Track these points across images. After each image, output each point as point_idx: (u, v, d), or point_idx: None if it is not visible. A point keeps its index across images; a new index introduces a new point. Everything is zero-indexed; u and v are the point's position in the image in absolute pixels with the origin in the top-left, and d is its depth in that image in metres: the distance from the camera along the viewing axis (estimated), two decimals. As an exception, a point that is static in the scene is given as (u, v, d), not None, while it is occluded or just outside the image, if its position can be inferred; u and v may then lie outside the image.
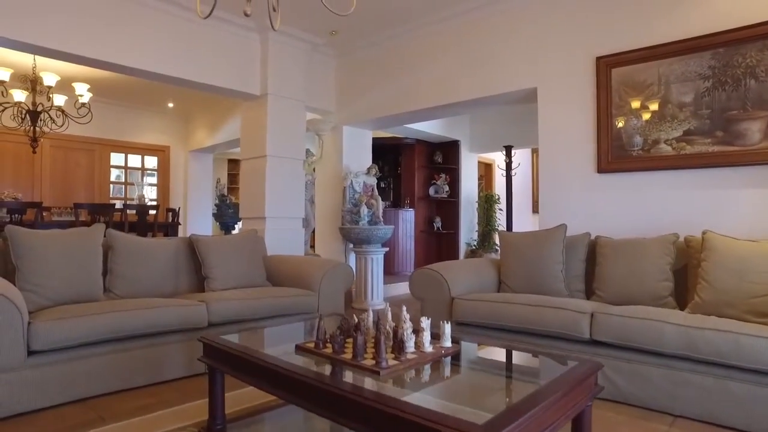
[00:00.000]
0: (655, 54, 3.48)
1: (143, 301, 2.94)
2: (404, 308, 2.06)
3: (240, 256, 3.77)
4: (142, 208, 5.95)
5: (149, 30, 4.28)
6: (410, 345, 1.85)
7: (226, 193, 9.62)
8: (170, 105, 8.31)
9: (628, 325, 2.48)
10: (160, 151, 8.80)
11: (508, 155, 7.21)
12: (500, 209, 7.90)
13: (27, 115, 5.61)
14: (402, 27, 5.04)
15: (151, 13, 4.28)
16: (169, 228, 6.26)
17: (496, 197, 7.93)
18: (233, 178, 13.21)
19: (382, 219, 5.46)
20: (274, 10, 2.52)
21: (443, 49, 4.81)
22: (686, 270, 2.98)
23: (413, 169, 7.76)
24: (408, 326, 1.91)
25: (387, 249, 5.49)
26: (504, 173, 7.29)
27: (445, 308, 3.25)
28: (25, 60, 5.71)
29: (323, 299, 3.67)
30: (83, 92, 5.65)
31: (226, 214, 9.22)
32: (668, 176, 3.44)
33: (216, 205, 9.29)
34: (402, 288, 6.55)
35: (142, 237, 3.73)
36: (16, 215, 4.98)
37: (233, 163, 12.99)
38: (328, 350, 1.85)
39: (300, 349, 1.93)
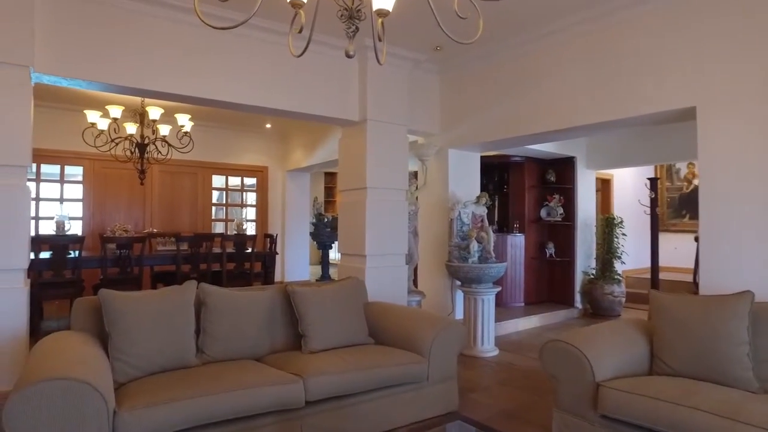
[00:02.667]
0: None
1: (237, 375, 2.62)
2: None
3: (340, 309, 3.39)
4: (240, 238, 5.84)
5: (244, 62, 4.07)
6: None
7: (323, 212, 9.50)
8: (268, 126, 8.29)
9: None
10: (259, 172, 8.84)
11: (653, 188, 6.25)
12: (624, 234, 6.94)
13: (136, 148, 5.72)
14: (517, 38, 4.42)
15: (246, 43, 4.06)
16: (267, 258, 6.12)
17: (618, 220, 6.97)
18: (330, 191, 13.19)
19: (493, 254, 4.86)
20: (380, 39, 2.07)
21: (570, 62, 4.13)
22: None
23: (522, 189, 7.03)
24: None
25: (499, 288, 4.87)
26: (647, 210, 6.38)
27: (587, 395, 2.60)
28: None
29: (434, 365, 3.17)
30: (185, 122, 5.65)
31: (323, 233, 9.09)
32: None
33: (313, 223, 9.19)
34: (511, 326, 5.89)
35: (238, 287, 3.48)
36: (125, 250, 5.04)
37: (330, 176, 12.96)
38: None
39: None
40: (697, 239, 6.58)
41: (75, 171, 7.34)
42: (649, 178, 6.40)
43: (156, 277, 6.07)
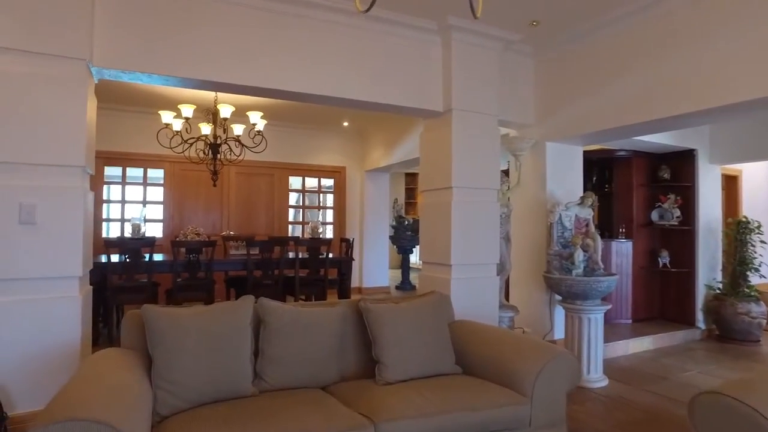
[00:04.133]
0: None
1: (295, 413, 2.15)
2: None
3: (422, 331, 2.84)
4: (315, 242, 5.47)
5: (317, 50, 3.65)
6: None
7: (403, 214, 9.03)
8: (345, 124, 7.93)
9: None
10: (337, 173, 8.51)
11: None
12: (762, 241, 5.79)
13: (209, 149, 5.54)
14: (634, 4, 3.65)
15: (318, 29, 3.64)
16: (342, 264, 5.70)
17: (755, 224, 5.83)
18: (411, 192, 12.69)
19: (601, 264, 4.10)
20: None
21: (704, 29, 3.31)
22: None
23: (630, 188, 6.10)
24: None
25: (609, 306, 4.09)
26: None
27: (770, 473, 1.85)
28: (207, 93, 5.64)
29: (538, 406, 2.53)
30: (257, 120, 5.38)
31: (403, 237, 8.62)
32: None
33: (393, 226, 8.73)
34: (620, 348, 5.03)
35: (302, 303, 3.04)
36: (194, 255, 4.82)
37: (411, 177, 12.46)
38: None
39: None
40: None
41: (157, 174, 7.39)
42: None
43: (230, 282, 5.86)
